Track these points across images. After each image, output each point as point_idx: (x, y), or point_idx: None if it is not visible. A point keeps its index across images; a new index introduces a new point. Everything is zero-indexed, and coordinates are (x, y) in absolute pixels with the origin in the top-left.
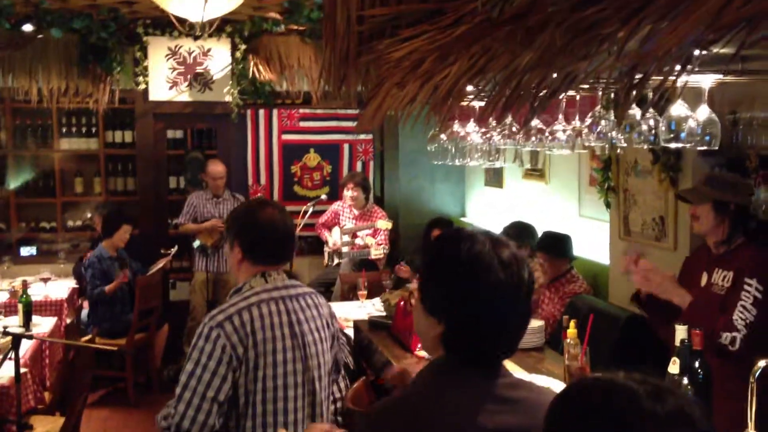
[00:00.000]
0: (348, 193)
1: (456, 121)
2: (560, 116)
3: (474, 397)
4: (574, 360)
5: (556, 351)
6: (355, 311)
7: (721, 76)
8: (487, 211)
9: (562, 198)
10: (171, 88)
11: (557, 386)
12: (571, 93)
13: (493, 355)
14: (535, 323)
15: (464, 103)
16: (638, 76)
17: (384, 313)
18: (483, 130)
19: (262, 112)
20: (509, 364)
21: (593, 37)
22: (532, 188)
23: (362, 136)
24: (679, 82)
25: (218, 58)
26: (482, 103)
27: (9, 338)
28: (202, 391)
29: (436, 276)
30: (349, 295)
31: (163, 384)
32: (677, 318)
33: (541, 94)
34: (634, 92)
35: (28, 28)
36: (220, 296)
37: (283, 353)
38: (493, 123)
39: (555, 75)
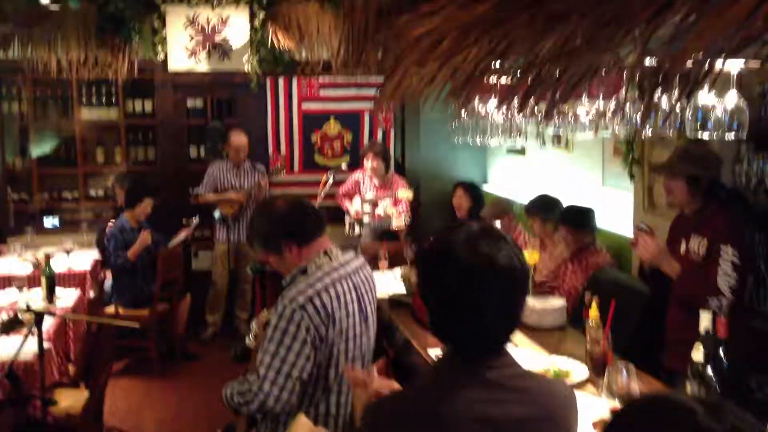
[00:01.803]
0: (368, 163)
1: (477, 99)
2: (583, 96)
3: (479, 387)
4: (595, 344)
5: (577, 329)
6: (377, 281)
7: (750, 61)
8: (509, 178)
9: (586, 167)
10: (190, 57)
11: (579, 369)
12: None
13: (485, 343)
14: (557, 302)
15: (486, 80)
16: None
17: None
18: (504, 110)
19: (281, 80)
20: (530, 344)
21: (617, 29)
22: (555, 157)
23: None
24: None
25: (237, 26)
26: (504, 81)
27: (31, 314)
28: (287, 371)
29: (419, 267)
30: (370, 265)
31: (186, 353)
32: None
33: (562, 84)
34: (659, 89)
35: (45, 1)
36: (241, 266)
37: (353, 329)
38: (516, 106)
39: (576, 66)
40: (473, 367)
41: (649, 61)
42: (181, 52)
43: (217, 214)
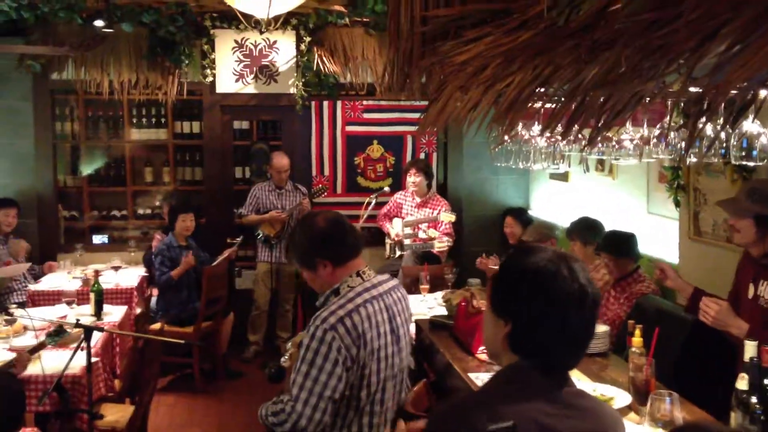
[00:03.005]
0: (410, 178)
1: (520, 124)
2: (628, 122)
3: (545, 401)
4: (638, 371)
5: (620, 356)
6: (417, 305)
7: None
8: (551, 204)
9: (630, 194)
10: (237, 80)
11: (622, 396)
12: None
13: (558, 362)
14: (600, 328)
15: (530, 105)
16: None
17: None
18: (547, 135)
19: (326, 103)
20: (573, 371)
21: (662, 58)
22: (599, 183)
23: None
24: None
25: (283, 50)
26: (548, 105)
27: (81, 329)
28: (319, 391)
29: (506, 280)
30: (411, 288)
31: (229, 371)
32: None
33: (606, 112)
34: (704, 117)
35: (99, 23)
36: (282, 286)
37: (385, 349)
38: (560, 132)
39: (621, 93)
40: (547, 382)
41: (693, 90)
42: (228, 74)
43: (259, 234)
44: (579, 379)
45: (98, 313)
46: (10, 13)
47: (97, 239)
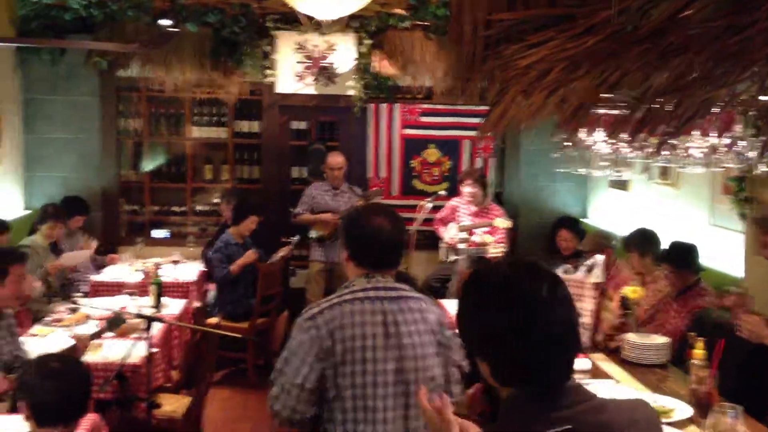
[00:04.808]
0: (466, 189)
1: (582, 129)
2: (696, 131)
3: (559, 425)
4: (700, 383)
5: (681, 368)
6: None
7: None
8: (611, 213)
9: (692, 205)
10: (297, 81)
11: (682, 408)
12: None
13: (549, 380)
14: (660, 339)
15: (593, 111)
16: None
17: None
18: (611, 141)
19: (384, 106)
20: (631, 380)
21: (735, 65)
22: (660, 193)
23: None
24: None
25: (343, 52)
26: (612, 112)
27: (142, 320)
28: (291, 378)
29: (462, 319)
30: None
31: None
32: None
33: (675, 119)
34: None
35: (165, 22)
36: (335, 286)
37: (373, 351)
38: (626, 138)
39: (691, 100)
40: (543, 409)
41: (765, 98)
42: (289, 75)
43: (312, 234)
44: (637, 389)
45: (158, 304)
46: (80, 11)
47: (157, 233)
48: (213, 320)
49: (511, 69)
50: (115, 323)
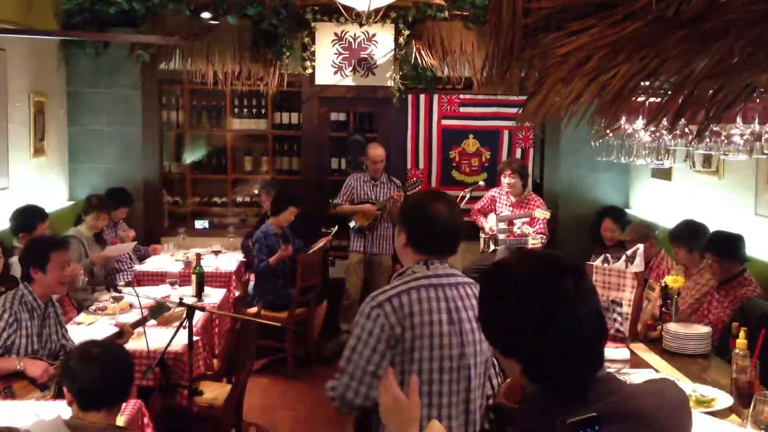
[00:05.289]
0: (505, 179)
1: (623, 118)
2: (738, 117)
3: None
4: (742, 373)
5: (723, 359)
6: None
7: None
8: (653, 203)
9: (736, 194)
10: (336, 72)
11: (723, 398)
12: None
13: (579, 374)
14: (702, 329)
15: (634, 99)
16: None
17: None
18: (652, 129)
19: (422, 97)
20: (672, 370)
21: None
22: (704, 183)
23: None
24: None
25: (382, 43)
26: (653, 99)
27: (184, 308)
28: (363, 366)
29: (488, 317)
30: None
31: (321, 357)
32: None
33: (716, 104)
34: None
35: (206, 15)
36: (374, 276)
37: (440, 338)
38: (666, 125)
39: (732, 85)
40: (574, 403)
41: None
42: (328, 67)
43: (352, 224)
44: (678, 379)
45: (199, 294)
46: (123, 4)
47: (199, 224)
48: (252, 310)
49: (550, 57)
50: (158, 311)
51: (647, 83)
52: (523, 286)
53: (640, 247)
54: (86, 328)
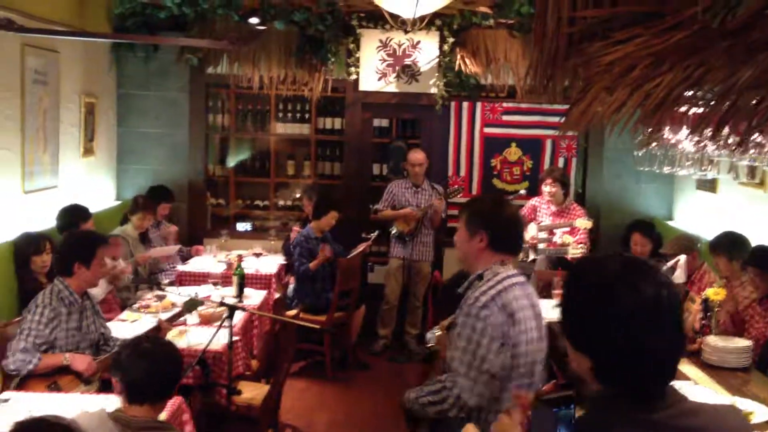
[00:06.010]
0: (546, 188)
1: (667, 128)
2: None
3: (651, 430)
4: None
5: (764, 374)
6: (550, 310)
7: None
8: (697, 216)
9: None
10: (380, 78)
11: (762, 411)
12: None
13: (650, 384)
14: (742, 343)
15: (677, 109)
16: None
17: None
18: (696, 138)
19: (465, 104)
20: (711, 383)
21: None
22: (749, 195)
23: (567, 132)
24: None
25: (426, 50)
26: (697, 110)
27: (225, 308)
28: (478, 365)
29: (568, 312)
30: (544, 292)
31: (358, 362)
32: None
33: (759, 114)
34: None
35: (253, 20)
36: (413, 283)
37: (530, 333)
38: (709, 134)
39: None
40: (638, 411)
41: None
42: (372, 73)
43: (393, 230)
44: (717, 392)
45: (240, 295)
46: (173, 9)
47: (241, 227)
48: (292, 312)
49: (594, 66)
50: (192, 306)
51: (691, 93)
52: (611, 286)
53: (682, 258)
54: (129, 326)
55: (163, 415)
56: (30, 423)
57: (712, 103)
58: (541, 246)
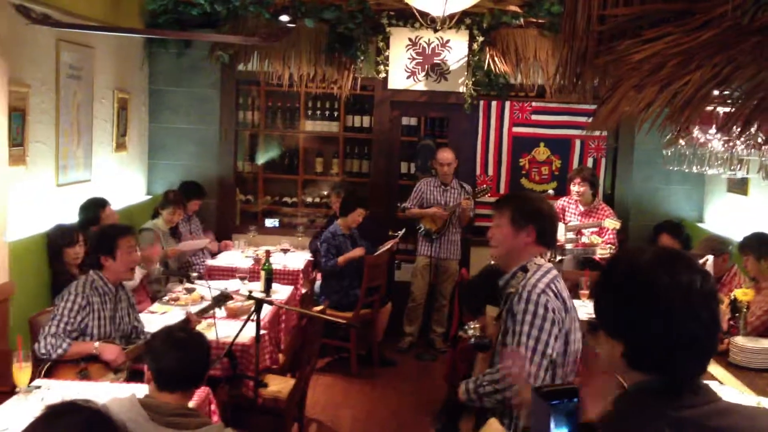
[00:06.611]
0: (574, 188)
1: (695, 127)
2: None
3: (678, 427)
4: None
5: None
6: (577, 309)
7: None
8: (728, 218)
9: None
10: (409, 77)
11: None
12: None
13: (681, 373)
14: (766, 343)
15: (707, 108)
16: None
17: None
18: (725, 138)
19: (494, 103)
20: (737, 383)
21: None
22: None
23: (596, 132)
24: None
25: (455, 49)
26: (726, 109)
27: (252, 302)
28: (542, 350)
29: (603, 297)
30: (570, 293)
31: (383, 359)
32: None
33: None
34: None
35: (284, 18)
36: (441, 281)
37: (575, 322)
38: (737, 132)
39: None
40: (666, 407)
41: None
42: (401, 71)
43: (420, 228)
44: (742, 392)
45: (267, 289)
46: (205, 6)
47: (269, 223)
48: (318, 308)
49: (623, 64)
50: (222, 300)
51: (719, 92)
52: (647, 270)
53: (710, 258)
54: (159, 317)
55: (191, 404)
56: (61, 406)
57: (740, 100)
58: (568, 246)
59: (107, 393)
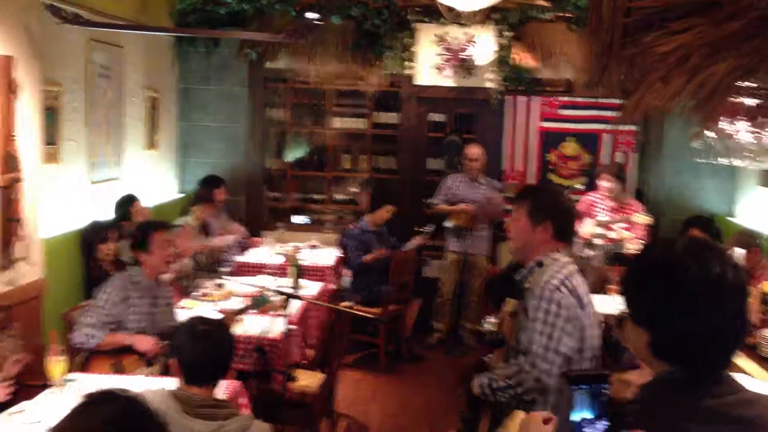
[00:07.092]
0: (603, 183)
1: (723, 118)
2: None
3: (702, 416)
4: None
5: None
6: (605, 305)
7: None
8: (759, 213)
9: None
10: (436, 73)
11: None
12: None
13: (706, 363)
14: None
15: (734, 99)
16: None
17: None
18: (754, 129)
19: (522, 99)
20: (765, 375)
21: None
22: None
23: (624, 127)
24: None
25: (483, 44)
26: (753, 100)
27: (282, 297)
28: (555, 347)
29: (630, 286)
30: (599, 288)
31: (412, 355)
32: None
33: None
34: None
35: (311, 15)
36: (470, 277)
37: (590, 318)
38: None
39: None
40: (690, 396)
41: None
42: (428, 67)
43: (448, 224)
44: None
45: (296, 286)
46: (233, 5)
47: (298, 219)
48: (346, 304)
49: (650, 56)
50: (261, 302)
51: (746, 83)
52: (677, 258)
53: (740, 251)
54: (189, 312)
55: (221, 397)
56: (99, 395)
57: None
58: (597, 241)
59: (141, 386)
